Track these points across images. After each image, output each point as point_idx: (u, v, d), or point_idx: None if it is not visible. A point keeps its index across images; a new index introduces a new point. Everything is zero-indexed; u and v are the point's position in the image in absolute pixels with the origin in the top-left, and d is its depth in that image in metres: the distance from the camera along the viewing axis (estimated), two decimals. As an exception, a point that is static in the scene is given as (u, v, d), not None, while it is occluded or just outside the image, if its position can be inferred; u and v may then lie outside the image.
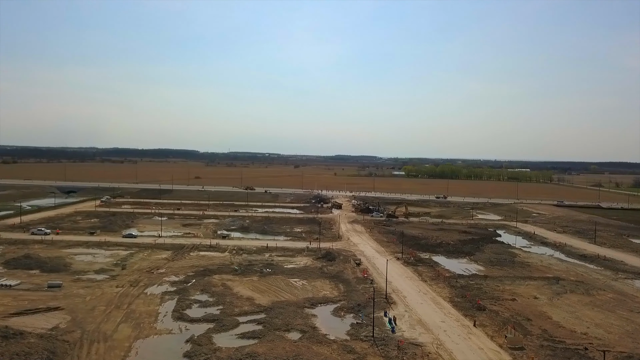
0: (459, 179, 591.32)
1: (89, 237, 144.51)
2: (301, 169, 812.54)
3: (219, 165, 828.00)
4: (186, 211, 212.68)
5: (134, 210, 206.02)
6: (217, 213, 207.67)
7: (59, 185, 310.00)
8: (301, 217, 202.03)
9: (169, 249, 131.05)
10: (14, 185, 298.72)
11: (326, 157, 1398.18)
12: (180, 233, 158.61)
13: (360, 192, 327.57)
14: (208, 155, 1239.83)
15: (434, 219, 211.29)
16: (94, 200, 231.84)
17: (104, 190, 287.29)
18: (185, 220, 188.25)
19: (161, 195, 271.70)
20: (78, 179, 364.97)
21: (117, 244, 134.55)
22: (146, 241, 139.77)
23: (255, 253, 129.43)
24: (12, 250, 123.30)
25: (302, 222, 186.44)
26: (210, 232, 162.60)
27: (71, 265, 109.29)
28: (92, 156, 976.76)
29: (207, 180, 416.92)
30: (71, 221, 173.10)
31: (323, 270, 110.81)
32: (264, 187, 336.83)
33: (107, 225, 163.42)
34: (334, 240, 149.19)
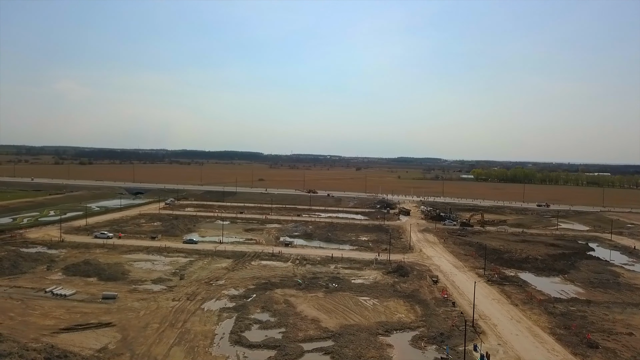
0: (533, 184, 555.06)
1: (150, 241, 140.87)
2: (363, 171, 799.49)
3: (282, 168, 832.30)
4: (249, 215, 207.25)
5: (197, 214, 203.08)
6: (279, 217, 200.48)
7: (127, 186, 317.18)
8: (366, 223, 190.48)
9: (230, 256, 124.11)
10: (86, 186, 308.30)
11: (388, 159, 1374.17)
12: (242, 239, 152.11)
13: (428, 197, 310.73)
14: (272, 157, 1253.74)
15: (512, 228, 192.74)
16: (159, 202, 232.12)
17: (170, 192, 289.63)
18: (247, 224, 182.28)
19: (225, 198, 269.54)
20: (146, 180, 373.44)
21: (178, 250, 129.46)
22: (207, 248, 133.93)
23: (320, 264, 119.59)
24: (74, 254, 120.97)
25: (368, 230, 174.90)
26: (273, 238, 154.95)
27: (129, 273, 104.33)
28: (162, 158, 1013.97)
29: (270, 182, 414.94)
30: (134, 224, 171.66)
31: (396, 288, 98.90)
32: (327, 191, 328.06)
33: (169, 229, 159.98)
34: (404, 252, 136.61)
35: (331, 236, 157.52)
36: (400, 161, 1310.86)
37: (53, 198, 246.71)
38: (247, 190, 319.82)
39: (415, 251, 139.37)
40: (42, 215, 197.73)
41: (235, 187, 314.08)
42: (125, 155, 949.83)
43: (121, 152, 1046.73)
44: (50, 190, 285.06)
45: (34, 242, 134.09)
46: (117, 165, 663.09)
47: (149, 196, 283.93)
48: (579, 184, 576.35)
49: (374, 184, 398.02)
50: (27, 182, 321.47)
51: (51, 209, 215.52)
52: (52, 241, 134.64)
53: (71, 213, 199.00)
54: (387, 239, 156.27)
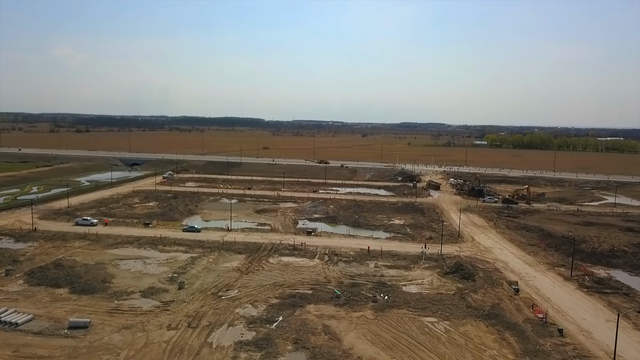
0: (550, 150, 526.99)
1: (142, 229, 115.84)
2: (370, 138, 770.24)
3: (286, 135, 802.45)
4: (258, 191, 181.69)
5: (199, 190, 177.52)
6: (293, 194, 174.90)
7: (122, 157, 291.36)
8: (394, 201, 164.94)
9: (241, 251, 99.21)
10: (78, 157, 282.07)
11: (392, 125, 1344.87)
12: (254, 223, 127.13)
13: (450, 166, 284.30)
14: (273, 124, 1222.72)
15: (559, 204, 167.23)
16: (155, 176, 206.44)
17: (169, 163, 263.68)
18: (258, 203, 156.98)
19: (229, 170, 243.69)
20: (144, 149, 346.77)
21: (176, 242, 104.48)
22: (212, 237, 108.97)
23: (355, 261, 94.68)
24: (46, 249, 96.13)
25: (400, 210, 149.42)
26: (290, 222, 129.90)
27: (112, 281, 79.53)
28: (162, 125, 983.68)
29: (276, 151, 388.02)
30: (126, 205, 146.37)
31: (467, 301, 74.09)
32: (339, 160, 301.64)
33: (167, 211, 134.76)
34: (454, 241, 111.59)
35: (359, 219, 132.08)
36: (404, 127, 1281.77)
37: (38, 172, 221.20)
38: (252, 160, 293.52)
39: (466, 240, 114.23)
40: (23, 192, 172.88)
41: (240, 158, 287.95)
42: (125, 123, 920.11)
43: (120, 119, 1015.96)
44: (38, 162, 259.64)
45: (0, 231, 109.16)
46: (114, 133, 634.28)
47: (145, 168, 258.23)
48: (598, 149, 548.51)
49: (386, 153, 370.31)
50: (14, 153, 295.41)
51: (35, 184, 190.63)
52: (21, 230, 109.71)
53: (56, 190, 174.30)
54: (425, 222, 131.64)
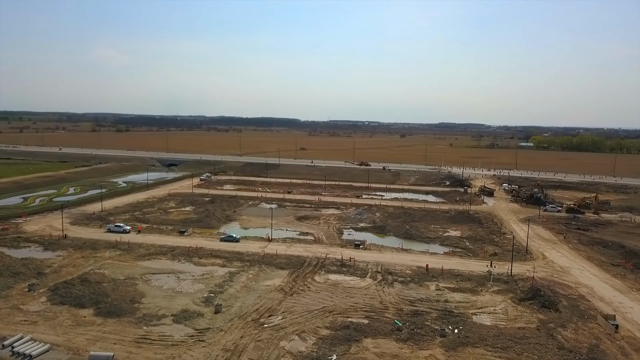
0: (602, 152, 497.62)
1: (177, 238, 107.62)
2: (408, 138, 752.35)
3: (322, 135, 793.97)
4: (298, 195, 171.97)
5: (237, 193, 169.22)
6: (335, 199, 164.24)
7: (160, 157, 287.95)
8: (446, 208, 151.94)
9: (284, 265, 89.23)
10: (116, 157, 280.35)
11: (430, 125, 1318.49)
12: (296, 232, 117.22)
13: (500, 170, 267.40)
14: (309, 124, 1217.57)
15: (630, 214, 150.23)
16: (192, 178, 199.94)
17: (206, 164, 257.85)
18: (298, 209, 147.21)
19: (267, 172, 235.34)
20: (181, 149, 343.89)
21: (213, 254, 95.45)
22: (251, 249, 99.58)
23: (413, 282, 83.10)
24: (74, 260, 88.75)
25: (454, 220, 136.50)
26: (334, 231, 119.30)
27: (142, 300, 70.81)
28: (200, 124, 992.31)
29: (313, 152, 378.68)
30: (161, 210, 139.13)
31: (555, 339, 61.48)
32: (380, 163, 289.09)
33: (203, 218, 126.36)
34: (522, 259, 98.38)
35: (411, 230, 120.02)
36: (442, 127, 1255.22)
37: (76, 172, 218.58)
38: (290, 162, 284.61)
39: (536, 257, 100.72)
40: (59, 193, 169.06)
41: (279, 159, 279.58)
42: (164, 122, 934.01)
43: (160, 119, 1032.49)
44: (77, 162, 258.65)
45: (30, 237, 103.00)
46: (153, 133, 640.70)
47: (183, 168, 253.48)
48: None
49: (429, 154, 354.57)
50: (54, 152, 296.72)
51: (72, 185, 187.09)
52: (51, 237, 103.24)
53: (92, 191, 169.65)
54: (485, 235, 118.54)
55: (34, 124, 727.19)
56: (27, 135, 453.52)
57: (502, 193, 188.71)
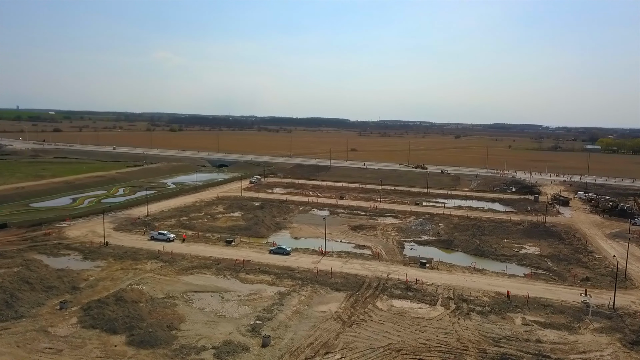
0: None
1: (223, 248, 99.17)
2: (463, 139, 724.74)
3: (372, 135, 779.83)
4: (351, 201, 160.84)
5: (287, 198, 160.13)
6: (392, 206, 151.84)
7: (210, 157, 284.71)
8: (518, 219, 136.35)
9: (340, 286, 78.44)
10: (167, 157, 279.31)
11: (484, 126, 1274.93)
12: (351, 245, 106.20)
13: (570, 175, 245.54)
14: (359, 124, 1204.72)
15: None
16: (242, 180, 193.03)
17: (256, 166, 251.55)
18: (352, 217, 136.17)
19: (318, 174, 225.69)
20: (232, 149, 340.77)
21: (262, 269, 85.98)
22: (303, 264, 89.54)
23: (494, 313, 70.15)
24: (112, 272, 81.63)
25: (529, 234, 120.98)
26: (394, 244, 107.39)
27: (180, 327, 61.96)
28: (251, 125, 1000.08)
29: (364, 153, 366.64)
30: (208, 215, 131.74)
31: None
32: (437, 166, 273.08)
33: (252, 225, 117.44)
34: (623, 286, 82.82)
35: (482, 246, 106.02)
36: (497, 128, 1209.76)
37: (127, 172, 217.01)
38: (341, 164, 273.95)
39: (638, 284, 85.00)
40: (108, 194, 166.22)
41: (329, 161, 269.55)
42: (216, 122, 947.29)
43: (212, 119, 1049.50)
44: (130, 161, 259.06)
45: (70, 244, 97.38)
46: (205, 133, 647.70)
47: (233, 169, 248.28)
48: None
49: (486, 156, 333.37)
50: (108, 152, 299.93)
51: (121, 185, 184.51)
52: (92, 245, 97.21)
53: (141, 193, 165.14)
54: (569, 253, 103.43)
55: (93, 123, 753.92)
56: (85, 134, 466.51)
57: (578, 202, 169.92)
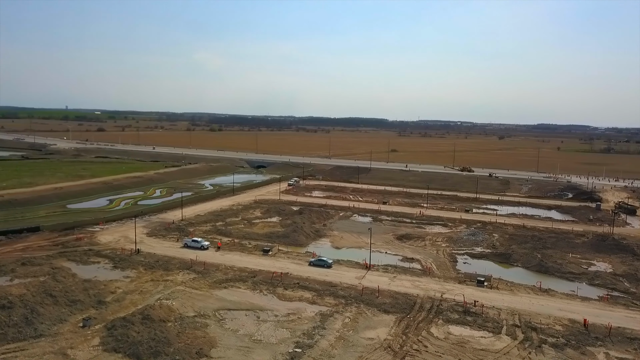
0: None
1: (260, 258, 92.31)
2: (507, 140, 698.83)
3: (412, 136, 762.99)
4: (395, 206, 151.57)
5: (327, 202, 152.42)
6: (440, 213, 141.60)
7: (249, 158, 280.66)
8: (580, 230, 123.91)
9: (388, 307, 69.87)
10: (205, 157, 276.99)
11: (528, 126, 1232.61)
12: (398, 257, 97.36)
13: (630, 180, 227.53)
14: (397, 124, 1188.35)
15: None
16: (281, 182, 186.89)
17: (294, 167, 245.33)
18: (397, 224, 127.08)
19: (359, 176, 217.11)
20: (270, 150, 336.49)
21: (301, 283, 78.42)
22: (346, 279, 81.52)
23: (570, 346, 60.00)
24: (141, 284, 75.88)
25: (596, 247, 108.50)
26: (446, 257, 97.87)
27: (210, 354, 55.02)
28: (289, 125, 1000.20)
29: (405, 154, 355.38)
30: (245, 220, 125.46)
31: None
32: (484, 168, 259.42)
33: (290, 233, 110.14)
34: None
35: (544, 261, 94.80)
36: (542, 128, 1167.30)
37: (165, 172, 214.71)
38: (382, 166, 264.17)
39: None
40: (145, 195, 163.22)
41: (370, 162, 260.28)
42: (255, 122, 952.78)
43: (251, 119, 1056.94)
44: (168, 161, 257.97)
45: (101, 251, 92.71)
46: (244, 133, 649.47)
47: (271, 170, 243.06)
48: None
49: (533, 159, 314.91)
50: (148, 152, 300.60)
51: (159, 186, 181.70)
52: (123, 252, 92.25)
53: (177, 195, 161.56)
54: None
55: (136, 122, 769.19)
56: (127, 134, 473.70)
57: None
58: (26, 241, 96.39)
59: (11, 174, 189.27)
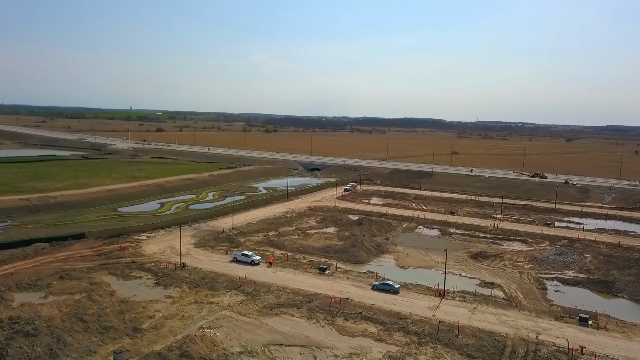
0: None
1: (316, 278, 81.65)
2: (576, 143, 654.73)
3: (473, 137, 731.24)
4: (465, 217, 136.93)
5: (388, 211, 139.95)
6: (517, 227, 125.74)
7: (303, 160, 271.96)
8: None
9: (472, 351, 57.15)
10: (260, 159, 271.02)
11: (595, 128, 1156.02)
12: (475, 281, 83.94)
13: None
14: (455, 125, 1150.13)
15: None
16: (337, 186, 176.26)
17: (350, 170, 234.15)
18: (469, 239, 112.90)
19: (420, 181, 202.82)
20: (325, 151, 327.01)
21: (364, 314, 66.93)
22: (417, 309, 69.37)
23: None
24: (183, 307, 67.02)
25: None
26: (532, 282, 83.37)
27: (257, 410, 44.86)
28: (343, 125, 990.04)
29: (467, 157, 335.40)
30: (299, 230, 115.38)
31: None
32: (558, 174, 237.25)
33: (349, 247, 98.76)
34: None
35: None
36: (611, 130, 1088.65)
37: (219, 175, 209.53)
38: (444, 169, 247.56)
39: None
40: (197, 199, 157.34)
41: (432, 166, 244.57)
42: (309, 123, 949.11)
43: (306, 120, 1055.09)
44: (223, 163, 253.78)
45: (144, 264, 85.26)
46: (298, 133, 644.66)
47: (326, 174, 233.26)
48: None
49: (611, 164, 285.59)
50: (203, 153, 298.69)
51: (212, 189, 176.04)
52: (167, 266, 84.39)
53: (230, 198, 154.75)
54: None
55: (194, 123, 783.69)
56: (184, 134, 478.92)
57: None
58: (69, 250, 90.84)
59: (69, 174, 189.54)
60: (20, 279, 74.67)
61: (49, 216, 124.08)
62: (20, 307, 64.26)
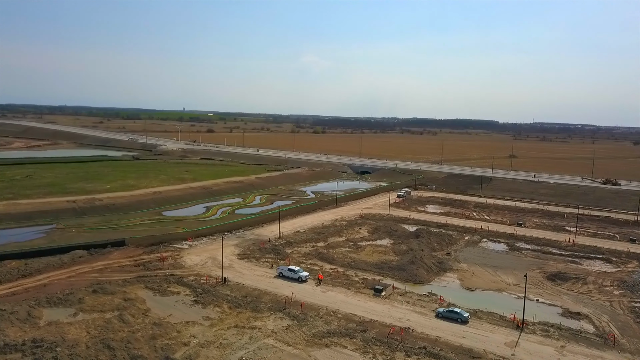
0: None
1: (370, 301, 72.18)
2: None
3: (530, 140, 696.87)
4: (534, 229, 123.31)
5: (447, 221, 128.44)
6: (596, 242, 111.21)
7: (352, 163, 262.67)
8: None
9: (567, 407, 46.23)
10: (308, 161, 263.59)
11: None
12: (557, 310, 71.94)
13: None
14: (509, 126, 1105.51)
15: None
16: (390, 192, 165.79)
17: (402, 174, 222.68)
18: (542, 256, 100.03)
19: (480, 187, 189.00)
20: (374, 153, 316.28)
21: (429, 349, 56.85)
22: (492, 346, 58.63)
23: None
24: (221, 334, 59.32)
25: None
26: (626, 313, 70.60)
27: None
28: (392, 126, 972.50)
29: (526, 161, 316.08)
30: (351, 242, 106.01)
31: None
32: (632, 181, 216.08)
33: (407, 265, 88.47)
34: None
35: None
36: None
37: (267, 177, 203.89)
38: (504, 174, 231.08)
39: None
40: (243, 203, 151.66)
41: (491, 170, 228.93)
42: (358, 124, 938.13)
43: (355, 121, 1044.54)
44: (271, 165, 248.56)
45: (183, 277, 78.59)
46: (347, 135, 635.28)
47: (376, 177, 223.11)
48: None
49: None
50: (251, 154, 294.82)
51: (259, 193, 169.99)
52: (207, 280, 77.39)
53: (278, 202, 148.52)
54: None
55: (244, 124, 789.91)
56: (233, 135, 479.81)
57: None
58: (107, 258, 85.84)
59: (118, 175, 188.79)
60: (53, 291, 69.64)
61: (94, 219, 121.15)
62: (47, 326, 58.74)
